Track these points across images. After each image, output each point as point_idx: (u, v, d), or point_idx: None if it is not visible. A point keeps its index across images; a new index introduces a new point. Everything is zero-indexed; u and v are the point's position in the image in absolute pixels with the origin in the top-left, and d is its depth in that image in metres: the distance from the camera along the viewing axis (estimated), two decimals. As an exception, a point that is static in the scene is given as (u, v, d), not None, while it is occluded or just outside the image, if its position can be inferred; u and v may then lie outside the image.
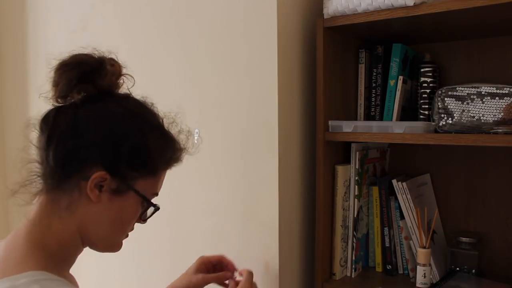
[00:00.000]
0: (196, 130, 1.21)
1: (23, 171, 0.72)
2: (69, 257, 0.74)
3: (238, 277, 1.02)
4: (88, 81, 0.71)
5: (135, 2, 1.35)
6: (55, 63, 0.71)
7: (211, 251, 1.21)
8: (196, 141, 1.21)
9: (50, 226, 0.70)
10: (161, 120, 0.78)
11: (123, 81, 0.76)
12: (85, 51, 0.72)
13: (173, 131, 0.79)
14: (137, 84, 0.78)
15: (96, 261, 1.51)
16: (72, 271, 0.78)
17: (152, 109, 0.78)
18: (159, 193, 0.80)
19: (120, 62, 0.75)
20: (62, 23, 1.57)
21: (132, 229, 0.79)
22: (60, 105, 0.72)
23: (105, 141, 0.70)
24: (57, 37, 1.58)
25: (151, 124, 0.76)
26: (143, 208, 0.76)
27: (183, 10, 1.23)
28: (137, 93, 0.78)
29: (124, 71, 0.76)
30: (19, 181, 0.71)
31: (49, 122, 0.71)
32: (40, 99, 0.74)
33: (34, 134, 0.72)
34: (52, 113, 0.71)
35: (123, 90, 0.77)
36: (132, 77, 0.77)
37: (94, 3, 1.46)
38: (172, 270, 1.32)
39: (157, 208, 0.77)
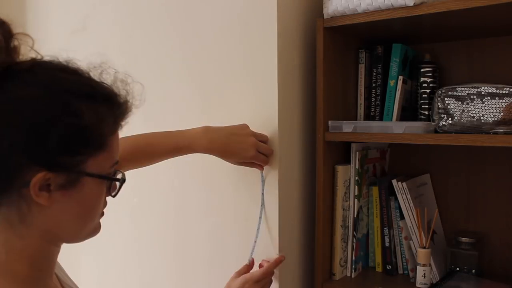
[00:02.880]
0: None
1: None
2: (46, 268, 0.65)
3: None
4: None
5: (135, 3, 1.35)
6: None
7: (211, 251, 1.21)
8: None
9: (13, 247, 0.61)
10: (87, 79, 0.63)
11: (18, 43, 0.59)
12: None
13: (107, 82, 0.65)
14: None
15: (96, 261, 1.51)
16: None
17: (71, 70, 0.63)
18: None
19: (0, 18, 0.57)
20: (62, 23, 1.57)
21: (105, 205, 0.68)
22: None
23: (28, 137, 0.56)
24: (57, 37, 1.58)
25: (77, 91, 0.60)
26: (107, 185, 0.65)
27: (182, 11, 1.23)
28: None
29: (13, 30, 0.58)
30: None
31: None
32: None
33: None
34: None
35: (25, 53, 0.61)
36: (28, 36, 0.60)
37: (94, 2, 1.46)
38: (172, 269, 1.32)
39: (122, 180, 0.66)
